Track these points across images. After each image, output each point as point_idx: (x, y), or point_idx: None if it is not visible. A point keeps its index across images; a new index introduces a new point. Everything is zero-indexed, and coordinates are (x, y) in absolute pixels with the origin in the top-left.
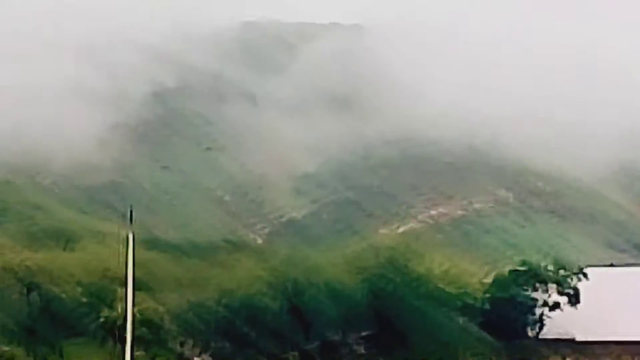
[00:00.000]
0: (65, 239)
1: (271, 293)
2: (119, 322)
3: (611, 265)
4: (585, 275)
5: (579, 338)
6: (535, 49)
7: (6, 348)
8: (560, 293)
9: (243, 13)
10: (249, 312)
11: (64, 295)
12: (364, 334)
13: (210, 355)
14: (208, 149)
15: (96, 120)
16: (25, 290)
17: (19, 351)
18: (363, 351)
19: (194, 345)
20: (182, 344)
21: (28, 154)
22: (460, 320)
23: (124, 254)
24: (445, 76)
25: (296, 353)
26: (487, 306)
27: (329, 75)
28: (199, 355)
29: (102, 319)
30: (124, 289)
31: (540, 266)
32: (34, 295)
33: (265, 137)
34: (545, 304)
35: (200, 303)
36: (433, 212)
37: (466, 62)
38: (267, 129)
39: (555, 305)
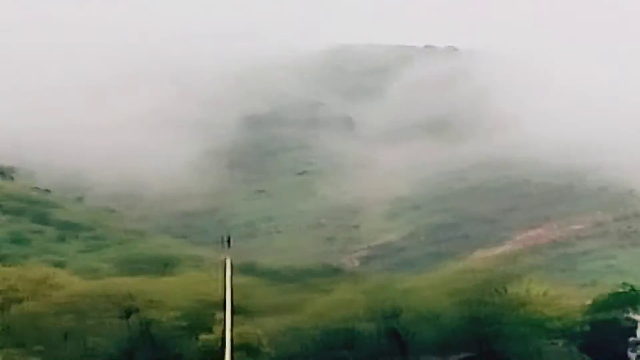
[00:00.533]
0: (163, 264)
1: (368, 316)
2: (217, 346)
3: None
4: None
5: None
6: (635, 76)
7: None
8: None
9: (337, 37)
10: (345, 336)
11: (162, 319)
12: (462, 356)
13: None
14: (303, 173)
15: (192, 147)
16: (124, 315)
17: None
18: None
19: None
20: None
21: (126, 181)
22: (561, 342)
23: (221, 279)
24: (542, 100)
25: None
26: (587, 328)
27: (424, 99)
28: None
29: (200, 343)
30: (222, 313)
31: None
32: (133, 319)
33: (360, 160)
34: None
35: (298, 327)
36: (531, 234)
37: (564, 86)
38: (362, 152)
39: None
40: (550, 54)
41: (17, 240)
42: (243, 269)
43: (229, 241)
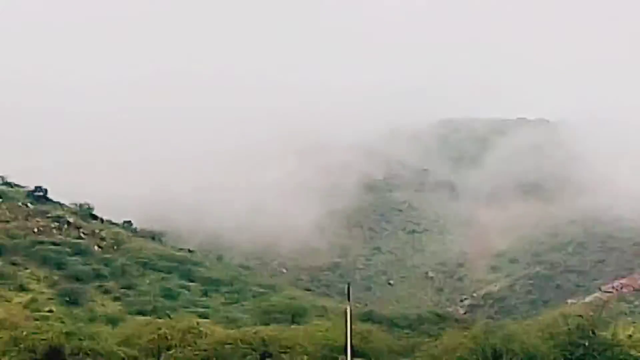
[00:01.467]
0: (292, 314)
1: (473, 358)
2: None
3: None
4: None
5: None
6: None
7: None
8: None
9: (440, 111)
10: None
11: None
12: None
13: None
14: (412, 232)
15: (315, 209)
16: (259, 358)
17: None
18: None
19: None
20: None
21: (260, 240)
22: None
23: (343, 326)
24: (625, 165)
25: None
26: None
27: (518, 165)
28: None
29: None
30: (344, 357)
31: None
32: None
33: (463, 220)
34: None
35: None
36: (616, 284)
37: None
38: (465, 214)
39: None
40: (632, 123)
41: (167, 295)
42: (362, 317)
43: (348, 293)
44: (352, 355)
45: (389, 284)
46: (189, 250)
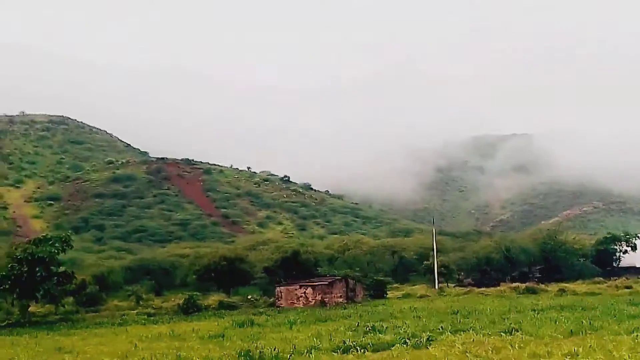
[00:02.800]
0: (405, 232)
1: (496, 250)
2: (432, 266)
3: None
4: (638, 237)
5: (637, 265)
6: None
7: (382, 278)
8: (627, 245)
9: (473, 132)
10: (486, 259)
11: (407, 256)
12: (538, 267)
13: (472, 279)
14: (462, 191)
15: (414, 182)
16: (391, 254)
17: (388, 280)
18: (538, 275)
19: (465, 274)
20: (458, 274)
21: (387, 197)
22: (582, 259)
23: (431, 238)
24: (569, 154)
25: (508, 277)
26: (594, 253)
27: (514, 157)
28: (466, 279)
29: (424, 265)
30: (432, 252)
31: (618, 234)
32: (395, 255)
33: (487, 185)
34: (620, 251)
35: (465, 257)
36: (566, 212)
37: (579, 148)
38: (487, 182)
39: (625, 252)
40: (576, 134)
41: (347, 225)
42: (439, 233)
43: (433, 221)
44: (436, 251)
45: (452, 217)
46: (355, 203)
